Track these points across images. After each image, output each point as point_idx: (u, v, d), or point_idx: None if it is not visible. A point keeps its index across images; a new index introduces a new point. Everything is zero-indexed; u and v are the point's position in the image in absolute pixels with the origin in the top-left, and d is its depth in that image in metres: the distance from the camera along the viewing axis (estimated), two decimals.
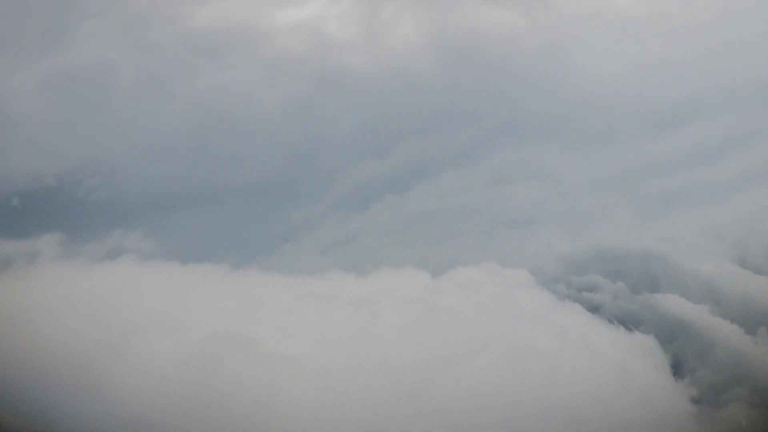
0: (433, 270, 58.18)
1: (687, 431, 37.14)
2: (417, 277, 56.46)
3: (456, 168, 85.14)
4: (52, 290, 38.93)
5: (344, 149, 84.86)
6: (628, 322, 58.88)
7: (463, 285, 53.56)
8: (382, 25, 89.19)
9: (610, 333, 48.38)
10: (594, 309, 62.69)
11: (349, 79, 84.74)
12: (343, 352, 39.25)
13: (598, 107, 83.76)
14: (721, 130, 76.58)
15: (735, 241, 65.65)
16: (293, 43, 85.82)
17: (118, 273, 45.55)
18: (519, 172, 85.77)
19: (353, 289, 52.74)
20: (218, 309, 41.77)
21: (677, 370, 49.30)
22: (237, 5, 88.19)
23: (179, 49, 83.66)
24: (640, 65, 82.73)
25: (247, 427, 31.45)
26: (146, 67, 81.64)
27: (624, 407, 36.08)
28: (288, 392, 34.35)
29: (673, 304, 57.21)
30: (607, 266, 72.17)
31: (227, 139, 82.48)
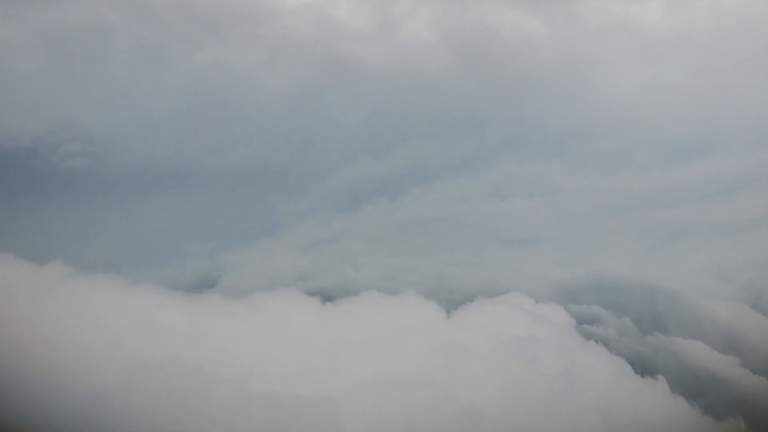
0: (444, 301, 49.99)
1: None
2: (424, 313, 39.94)
3: (454, 176, 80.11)
4: None
5: (341, 144, 78.34)
6: (638, 365, 54.16)
7: (492, 336, 35.63)
8: (395, 17, 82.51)
9: (697, 418, 37.91)
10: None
11: (355, 69, 77.53)
12: None
13: (611, 129, 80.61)
14: (735, 168, 75.07)
15: (745, 283, 63.22)
16: (300, 26, 78.16)
17: None
18: (520, 188, 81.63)
19: (316, 325, 32.03)
20: None
21: None
22: None
23: (179, 18, 74.57)
24: (660, 90, 79.97)
25: None
26: (143, 33, 71.95)
27: None
28: None
29: (696, 352, 53.52)
30: (607, 297, 68.53)
31: (220, 119, 74.26)
